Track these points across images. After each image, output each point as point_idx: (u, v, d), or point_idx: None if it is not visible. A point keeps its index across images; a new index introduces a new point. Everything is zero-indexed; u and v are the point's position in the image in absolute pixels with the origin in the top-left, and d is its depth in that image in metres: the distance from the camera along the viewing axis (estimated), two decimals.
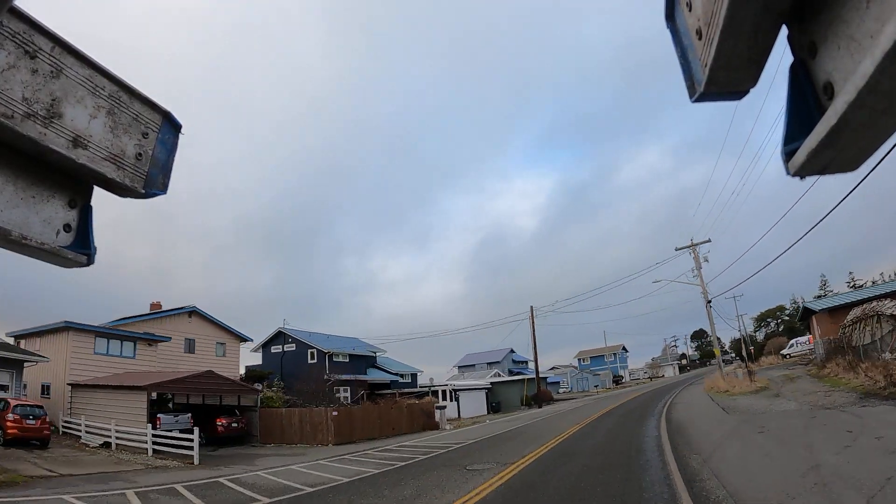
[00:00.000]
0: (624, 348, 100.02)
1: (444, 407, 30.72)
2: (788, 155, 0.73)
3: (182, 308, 32.85)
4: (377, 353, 48.15)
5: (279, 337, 43.29)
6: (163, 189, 1.20)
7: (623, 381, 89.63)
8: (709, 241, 35.94)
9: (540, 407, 41.39)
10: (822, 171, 0.70)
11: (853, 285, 77.88)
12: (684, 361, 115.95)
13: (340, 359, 42.19)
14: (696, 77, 0.86)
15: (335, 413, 23.20)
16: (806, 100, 0.73)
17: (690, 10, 0.83)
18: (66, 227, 1.10)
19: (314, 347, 40.73)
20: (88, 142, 1.05)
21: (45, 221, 1.06)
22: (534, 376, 52.41)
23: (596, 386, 74.19)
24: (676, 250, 37.18)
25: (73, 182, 1.11)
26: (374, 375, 44.56)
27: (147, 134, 1.17)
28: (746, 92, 0.83)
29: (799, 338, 60.33)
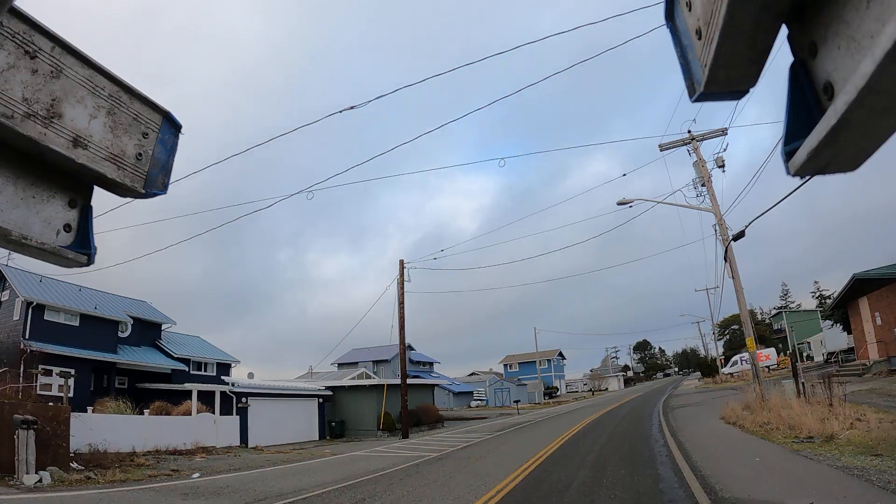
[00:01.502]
0: (560, 354, 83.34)
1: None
2: (789, 155, 0.73)
3: None
4: (163, 326, 31.84)
5: None
6: (163, 189, 1.20)
7: (558, 393, 73.27)
8: (723, 132, 19.85)
9: (406, 437, 24.80)
10: (823, 171, 0.71)
11: (818, 295, 75.30)
12: (630, 374, 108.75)
13: (62, 319, 25.43)
14: (695, 77, 0.86)
15: None
16: (806, 100, 0.73)
17: (690, 10, 0.83)
18: (67, 227, 1.10)
19: (19, 296, 24.77)
20: (88, 142, 1.06)
21: (46, 221, 1.06)
22: (425, 381, 36.19)
23: (516, 401, 49.38)
24: (661, 150, 20.72)
25: (73, 182, 1.11)
26: (134, 357, 27.94)
27: (147, 134, 1.17)
28: (746, 92, 0.82)
29: (742, 354, 50.40)
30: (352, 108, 11.07)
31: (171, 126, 1.23)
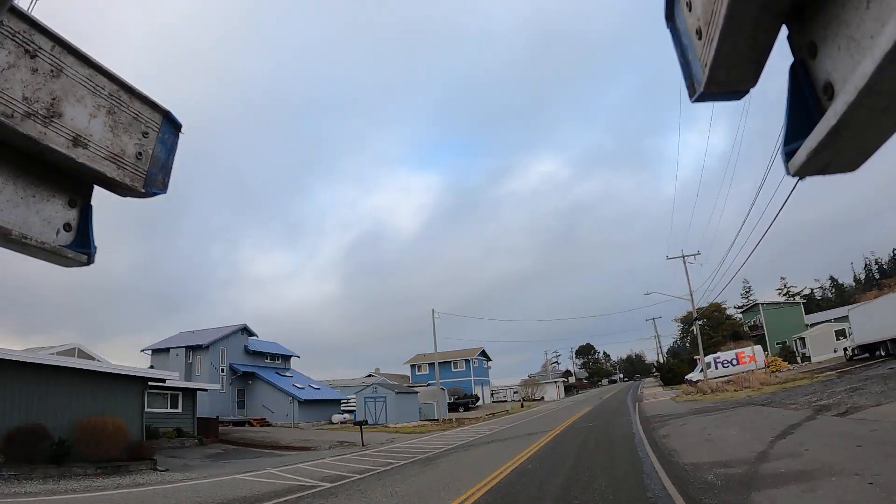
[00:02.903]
0: (484, 354, 64.63)
1: None
2: (788, 155, 0.73)
3: None
4: None
5: None
6: (163, 188, 1.20)
7: (477, 403, 53.96)
8: None
9: None
10: (823, 171, 0.71)
11: (786, 293, 72.91)
12: (572, 380, 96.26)
13: None
14: (695, 77, 0.86)
15: None
16: (806, 100, 0.73)
17: (690, 10, 0.83)
18: (66, 227, 1.10)
19: None
20: (88, 141, 1.06)
21: (46, 221, 1.06)
22: (94, 367, 16.29)
23: (359, 423, 25.96)
24: None
25: (73, 181, 1.11)
26: None
27: (147, 133, 1.17)
28: (746, 91, 0.83)
29: (721, 354, 40.80)
30: None
31: (171, 125, 1.23)
